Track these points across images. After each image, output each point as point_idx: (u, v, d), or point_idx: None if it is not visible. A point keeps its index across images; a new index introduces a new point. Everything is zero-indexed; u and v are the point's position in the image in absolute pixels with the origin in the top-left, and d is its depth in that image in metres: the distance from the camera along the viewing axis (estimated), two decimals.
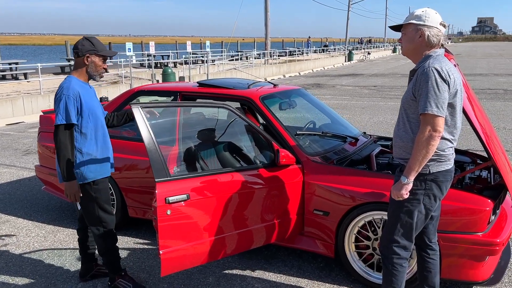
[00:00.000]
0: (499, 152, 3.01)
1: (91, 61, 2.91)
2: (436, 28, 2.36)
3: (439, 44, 2.38)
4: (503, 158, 3.02)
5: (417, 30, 2.38)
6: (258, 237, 3.12)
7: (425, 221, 2.48)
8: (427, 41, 2.36)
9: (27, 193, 5.31)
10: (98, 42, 2.95)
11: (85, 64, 2.91)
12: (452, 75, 2.29)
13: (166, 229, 2.62)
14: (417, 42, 2.39)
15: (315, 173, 3.25)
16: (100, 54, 2.92)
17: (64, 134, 2.81)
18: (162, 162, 2.62)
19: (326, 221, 3.21)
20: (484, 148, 2.85)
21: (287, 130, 3.45)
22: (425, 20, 2.36)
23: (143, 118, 2.63)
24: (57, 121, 2.80)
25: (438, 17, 2.38)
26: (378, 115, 10.48)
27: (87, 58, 2.89)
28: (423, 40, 2.37)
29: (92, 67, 2.92)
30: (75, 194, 2.85)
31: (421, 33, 2.36)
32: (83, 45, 2.89)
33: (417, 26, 2.37)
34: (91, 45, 2.90)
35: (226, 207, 2.89)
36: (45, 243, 3.93)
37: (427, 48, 2.38)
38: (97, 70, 2.94)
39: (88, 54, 2.89)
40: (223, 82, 3.98)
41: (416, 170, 2.30)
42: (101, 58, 2.94)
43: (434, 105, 2.22)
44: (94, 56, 2.90)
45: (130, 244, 3.89)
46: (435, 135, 2.24)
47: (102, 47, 2.95)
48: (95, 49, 2.90)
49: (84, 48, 2.88)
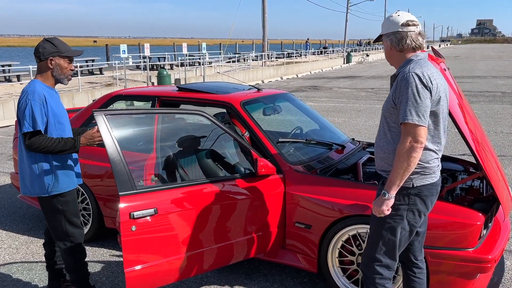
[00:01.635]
0: (490, 160, 2.83)
1: (56, 64, 2.71)
2: (398, 32, 2.19)
3: (409, 46, 2.19)
4: (494, 166, 2.84)
5: (384, 41, 2.27)
6: (236, 252, 2.93)
7: (410, 238, 2.29)
8: (395, 47, 2.22)
9: (5, 200, 5.12)
10: (60, 42, 2.74)
11: (50, 67, 2.72)
12: (434, 80, 2.11)
13: (132, 246, 2.43)
14: (389, 51, 2.27)
15: (297, 184, 3.06)
16: (65, 55, 2.72)
17: (35, 139, 2.60)
18: (126, 174, 2.43)
19: (309, 234, 3.03)
20: (473, 157, 2.67)
21: (269, 137, 3.27)
22: (387, 28, 2.24)
23: (106, 125, 2.44)
24: (24, 129, 2.60)
25: (400, 19, 2.20)
26: (374, 118, 10.30)
27: (50, 62, 2.70)
28: (392, 48, 2.24)
29: (58, 70, 2.72)
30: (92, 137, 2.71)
31: (387, 42, 2.24)
32: (44, 47, 2.69)
33: (384, 36, 2.26)
34: (53, 47, 2.69)
35: (200, 221, 2.71)
36: (16, 255, 3.74)
37: (400, 53, 2.22)
38: (63, 73, 2.75)
39: (51, 57, 2.69)
40: (203, 87, 3.80)
41: (397, 185, 2.12)
42: (66, 59, 2.73)
43: (415, 113, 2.05)
44: (58, 59, 2.70)
45: (105, 256, 3.71)
46: (416, 146, 2.06)
47: (65, 47, 2.74)
48: (58, 51, 2.69)
49: (46, 51, 2.69)
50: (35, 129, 2.60)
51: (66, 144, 2.67)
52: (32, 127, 2.60)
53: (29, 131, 2.60)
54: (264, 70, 22.62)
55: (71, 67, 2.77)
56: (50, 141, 2.62)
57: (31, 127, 2.59)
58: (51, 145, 2.61)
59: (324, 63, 30.94)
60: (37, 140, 2.60)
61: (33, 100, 2.61)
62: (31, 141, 2.60)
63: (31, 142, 2.60)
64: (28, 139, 2.61)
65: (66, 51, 2.72)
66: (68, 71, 2.76)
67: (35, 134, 2.61)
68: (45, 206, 2.76)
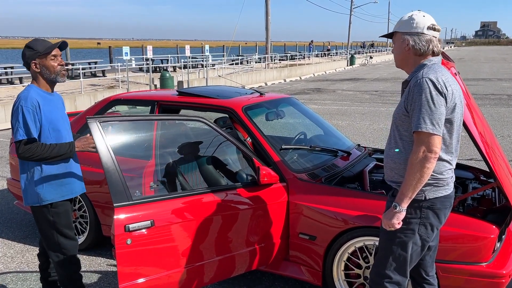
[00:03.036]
0: (501, 164, 2.69)
1: (41, 66, 2.58)
2: (424, 34, 2.05)
3: (430, 51, 2.07)
4: (506, 170, 2.71)
5: (403, 40, 2.10)
6: (238, 264, 2.80)
7: (421, 253, 2.16)
8: (413, 50, 2.07)
9: (3, 206, 5.02)
10: (37, 43, 2.59)
11: (37, 71, 2.60)
12: (449, 86, 1.99)
13: (127, 260, 2.31)
14: (405, 51, 2.11)
15: (301, 193, 2.93)
16: (44, 53, 2.56)
17: (29, 147, 2.48)
18: (121, 184, 2.31)
19: (313, 246, 2.90)
20: (484, 160, 2.54)
21: (272, 144, 3.15)
22: (410, 27, 2.07)
23: (100, 133, 2.33)
24: (18, 137, 2.49)
25: (426, 21, 2.07)
26: (378, 121, 10.16)
27: (35, 65, 2.58)
28: (410, 50, 2.08)
29: (45, 70, 2.59)
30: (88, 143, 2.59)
31: (407, 42, 2.08)
32: (24, 54, 2.58)
33: (402, 34, 2.10)
34: (30, 50, 2.57)
35: (199, 233, 2.58)
36: (11, 264, 3.63)
37: (417, 57, 2.08)
38: (52, 72, 2.60)
39: (33, 60, 2.57)
40: (204, 91, 3.68)
41: (409, 197, 1.99)
42: (49, 56, 2.57)
43: (429, 121, 1.92)
44: (40, 59, 2.57)
45: (102, 266, 3.59)
46: (430, 157, 1.93)
47: (43, 45, 2.58)
48: (36, 52, 2.56)
49: (26, 56, 2.57)
50: (29, 137, 2.48)
51: (61, 149, 2.55)
52: (25, 135, 2.49)
53: (23, 139, 2.49)
54: (267, 72, 22.50)
55: (60, 62, 2.61)
56: (43, 148, 2.50)
57: (24, 135, 2.48)
58: (44, 152, 2.50)
59: (328, 65, 30.79)
60: (30, 149, 2.48)
61: (25, 107, 2.50)
62: (24, 150, 2.48)
63: (24, 151, 2.48)
64: (22, 148, 2.49)
65: (44, 48, 2.56)
66: (57, 67, 2.60)
67: (29, 142, 2.50)
68: (36, 216, 2.65)
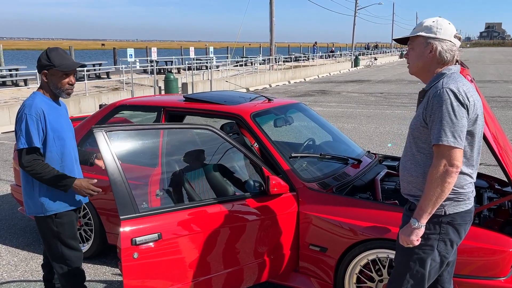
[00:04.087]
0: None
1: (50, 78, 2.52)
2: (450, 42, 1.97)
3: (453, 60, 1.99)
4: None
5: (427, 44, 1.99)
6: (246, 276, 2.73)
7: (440, 270, 2.07)
8: (439, 57, 1.97)
9: (6, 211, 4.96)
10: (57, 55, 2.51)
11: (45, 81, 2.54)
12: (471, 97, 1.90)
13: (133, 273, 2.24)
14: (428, 58, 2.00)
15: (312, 203, 2.85)
16: (58, 69, 2.49)
17: (30, 158, 2.43)
18: (128, 196, 2.24)
19: (324, 257, 2.81)
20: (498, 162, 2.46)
21: (281, 152, 3.07)
22: (436, 32, 1.97)
23: (107, 143, 2.25)
24: (20, 145, 2.43)
25: (452, 29, 1.98)
26: (384, 124, 10.06)
27: (45, 75, 2.52)
28: (435, 56, 1.98)
29: (53, 84, 2.53)
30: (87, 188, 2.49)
31: (431, 47, 1.97)
32: (40, 60, 2.52)
33: (427, 39, 1.98)
34: (47, 60, 2.50)
35: (207, 245, 2.51)
36: (15, 273, 3.57)
37: (439, 65, 1.99)
38: (59, 88, 2.54)
39: (45, 70, 2.51)
40: (211, 97, 3.61)
41: (429, 212, 1.90)
42: (62, 73, 2.51)
43: (450, 134, 1.83)
44: (53, 72, 2.50)
45: (107, 275, 3.52)
46: (452, 171, 1.84)
47: (61, 61, 2.50)
48: (51, 64, 2.48)
49: (41, 63, 2.51)
50: (31, 146, 2.42)
51: (58, 179, 2.46)
52: (27, 143, 2.42)
53: (25, 148, 2.43)
54: (272, 74, 22.42)
55: (70, 81, 2.55)
56: (44, 169, 2.44)
57: (26, 144, 2.42)
58: (43, 173, 2.43)
59: (332, 66, 30.69)
60: (32, 163, 2.43)
61: (29, 115, 2.44)
62: (26, 161, 2.42)
63: (26, 162, 2.42)
64: (24, 157, 2.43)
65: (61, 65, 2.49)
66: (65, 85, 2.54)
67: (31, 151, 2.44)
68: (40, 227, 2.59)
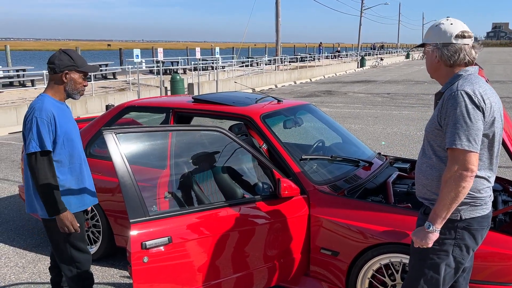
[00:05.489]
0: None
1: (70, 78, 2.53)
2: (452, 44, 1.91)
3: (466, 59, 1.93)
4: None
5: (432, 51, 1.97)
6: (256, 280, 2.69)
7: (455, 276, 2.03)
8: (446, 61, 1.94)
9: (15, 212, 4.96)
10: (78, 56, 2.57)
11: (63, 81, 2.54)
12: (488, 99, 1.85)
13: (143, 277, 2.21)
14: (435, 64, 1.98)
15: (323, 206, 2.81)
16: (81, 70, 2.55)
17: (41, 162, 2.42)
18: (139, 199, 2.21)
19: (336, 261, 2.77)
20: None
21: (291, 154, 3.03)
22: (437, 37, 1.94)
23: (116, 145, 2.23)
24: (31, 149, 2.41)
25: (453, 29, 1.92)
26: (392, 125, 9.99)
27: (65, 75, 2.52)
28: (441, 62, 1.95)
29: (71, 85, 2.55)
30: (70, 225, 2.46)
31: (435, 54, 1.96)
32: (60, 59, 2.51)
33: (431, 46, 1.97)
34: (70, 60, 2.51)
35: (217, 249, 2.47)
36: (22, 275, 3.55)
37: (452, 68, 1.95)
38: (76, 88, 2.58)
39: (67, 70, 2.51)
40: (220, 98, 3.57)
41: (443, 217, 1.86)
42: (81, 74, 2.57)
43: (465, 138, 1.78)
44: (73, 73, 2.53)
45: (115, 278, 3.49)
46: (466, 175, 1.79)
47: (82, 61, 2.57)
48: (74, 65, 2.52)
49: (62, 63, 2.50)
50: (43, 149, 2.41)
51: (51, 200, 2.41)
52: (39, 147, 2.41)
53: (37, 151, 2.41)
54: (277, 74, 22.37)
55: (85, 83, 2.61)
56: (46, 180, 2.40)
57: (38, 147, 2.40)
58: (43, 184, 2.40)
59: (338, 67, 30.58)
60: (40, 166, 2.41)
61: (40, 118, 2.42)
62: (38, 163, 2.40)
63: (38, 165, 2.40)
64: (38, 159, 2.41)
65: (83, 65, 2.55)
66: (82, 86, 2.60)
67: (44, 154, 2.43)
68: (48, 229, 2.57)
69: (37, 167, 2.39)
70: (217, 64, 19.14)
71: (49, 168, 2.44)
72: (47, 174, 2.42)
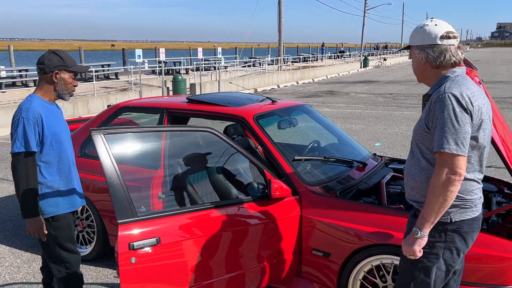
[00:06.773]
0: None
1: (61, 78, 2.54)
2: (437, 45, 1.89)
3: (448, 62, 1.90)
4: None
5: (418, 54, 1.96)
6: (248, 281, 2.68)
7: (446, 279, 2.01)
8: (432, 63, 1.92)
9: (12, 212, 4.97)
10: (67, 56, 2.58)
11: (54, 81, 2.54)
12: (475, 101, 1.82)
13: (131, 278, 2.20)
14: (422, 66, 1.96)
15: (315, 207, 2.80)
16: (71, 70, 2.55)
17: (24, 162, 2.42)
18: (126, 199, 2.20)
19: (327, 262, 2.75)
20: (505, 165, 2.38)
21: (284, 154, 3.01)
22: (421, 39, 1.92)
23: (105, 146, 2.22)
24: (15, 149, 2.42)
25: (438, 30, 1.90)
26: (393, 126, 9.95)
27: (55, 75, 2.52)
28: (427, 64, 1.93)
29: (61, 85, 2.55)
30: (38, 230, 2.47)
31: (421, 56, 1.94)
32: (50, 60, 2.51)
33: (415, 48, 1.96)
34: (60, 60, 2.52)
35: (208, 250, 2.46)
36: (17, 275, 3.56)
37: (438, 69, 1.93)
38: (67, 88, 2.58)
39: (56, 70, 2.51)
40: (214, 98, 3.57)
41: (431, 222, 1.84)
42: (72, 74, 2.58)
43: (453, 141, 1.76)
44: (63, 73, 2.54)
45: (109, 278, 3.49)
46: (454, 179, 1.77)
47: (72, 62, 2.58)
48: (64, 64, 2.53)
49: (52, 63, 2.51)
50: (28, 150, 2.41)
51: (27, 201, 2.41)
52: (24, 147, 2.41)
53: (21, 151, 2.41)
54: (280, 74, 22.36)
55: (75, 83, 2.61)
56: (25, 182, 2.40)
57: (23, 147, 2.41)
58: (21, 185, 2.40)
59: (341, 67, 30.53)
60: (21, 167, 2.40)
61: (26, 118, 2.42)
62: (21, 164, 2.40)
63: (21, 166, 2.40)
64: (22, 160, 2.41)
65: (73, 65, 2.56)
66: (72, 86, 2.60)
67: (28, 155, 2.43)
68: None
69: (19, 168, 2.39)
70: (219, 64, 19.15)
71: (32, 169, 2.44)
72: (29, 176, 2.42)
